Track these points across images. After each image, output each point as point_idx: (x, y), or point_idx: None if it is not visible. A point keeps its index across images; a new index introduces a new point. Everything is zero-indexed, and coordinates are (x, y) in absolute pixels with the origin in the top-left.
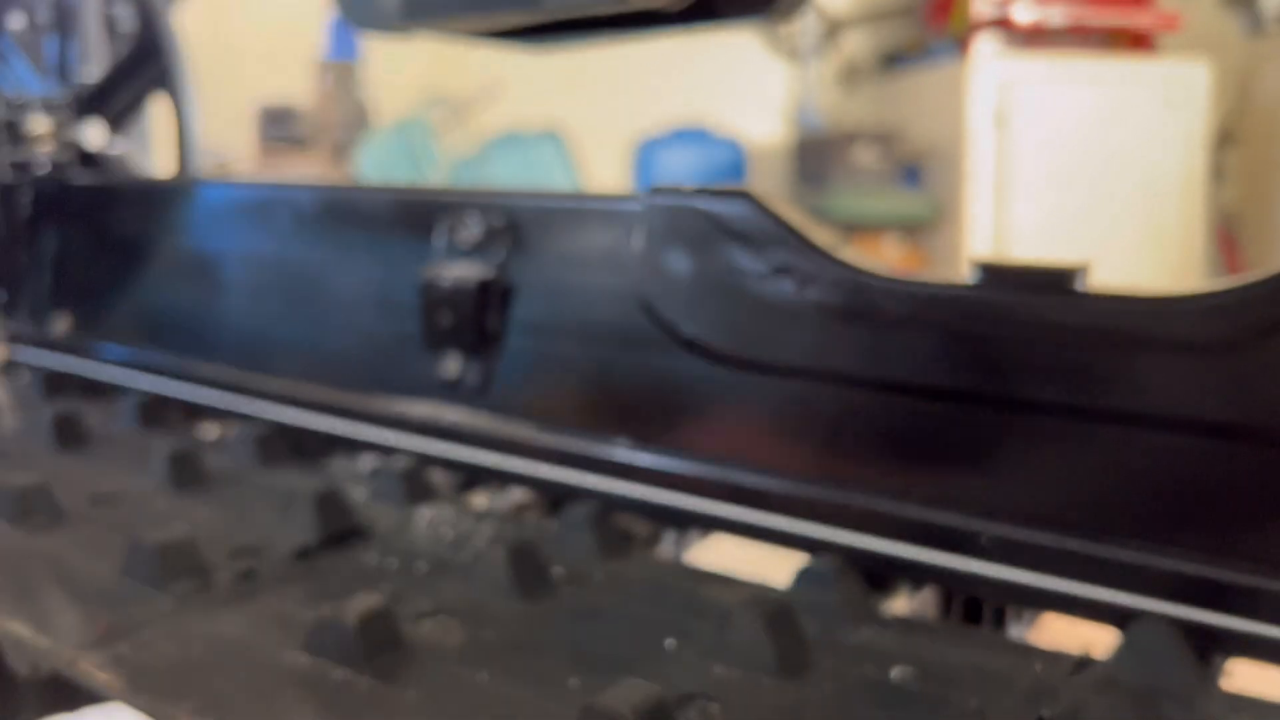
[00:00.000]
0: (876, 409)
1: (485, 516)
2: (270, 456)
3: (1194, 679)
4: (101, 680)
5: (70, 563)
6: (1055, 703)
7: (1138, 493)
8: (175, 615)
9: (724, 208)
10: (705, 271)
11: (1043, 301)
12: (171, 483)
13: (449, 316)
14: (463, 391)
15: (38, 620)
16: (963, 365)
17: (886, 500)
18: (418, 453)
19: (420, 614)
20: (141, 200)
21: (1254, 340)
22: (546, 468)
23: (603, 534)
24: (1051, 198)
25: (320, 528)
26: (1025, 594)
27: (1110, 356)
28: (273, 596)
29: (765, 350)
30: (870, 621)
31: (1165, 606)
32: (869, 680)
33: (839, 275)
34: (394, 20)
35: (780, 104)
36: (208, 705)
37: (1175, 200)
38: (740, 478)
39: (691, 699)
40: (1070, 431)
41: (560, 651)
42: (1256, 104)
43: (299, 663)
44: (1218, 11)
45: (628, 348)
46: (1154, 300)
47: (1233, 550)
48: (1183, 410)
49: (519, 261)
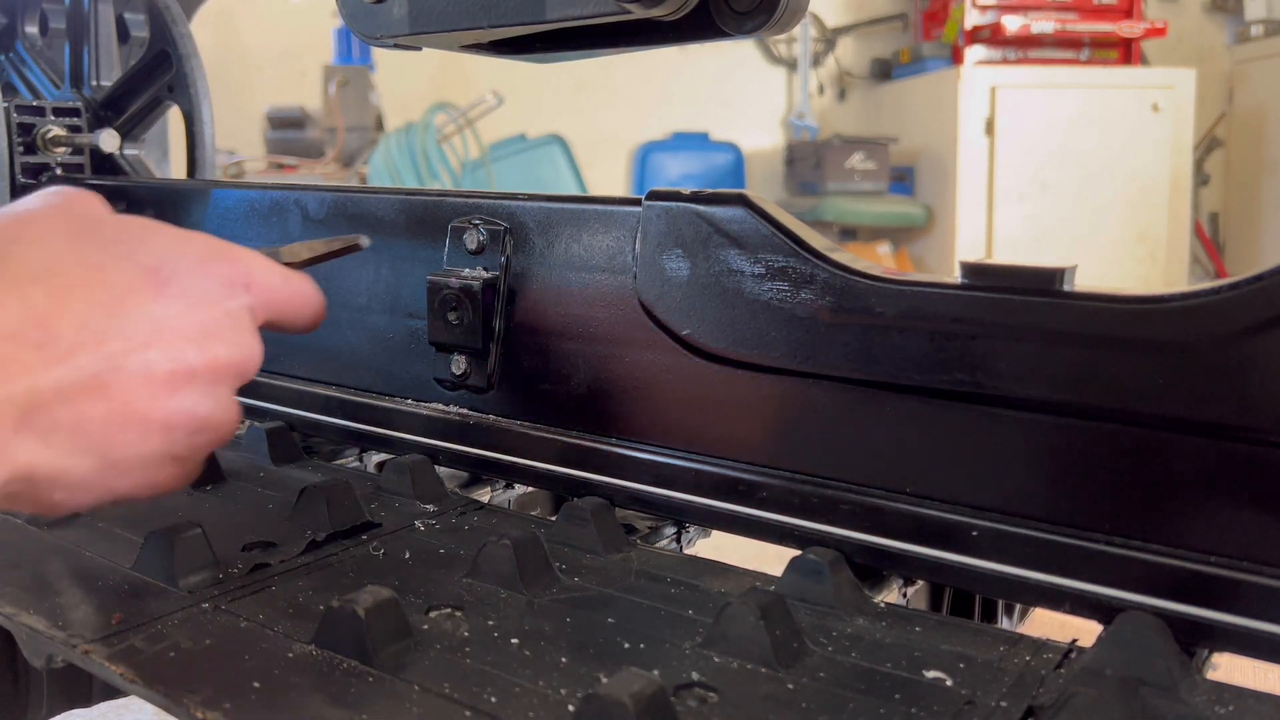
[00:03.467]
0: (869, 406)
1: (490, 511)
2: (281, 453)
3: (1178, 670)
4: (115, 671)
5: (84, 557)
6: (1043, 692)
7: (1124, 489)
8: (188, 608)
9: (721, 211)
10: (702, 273)
11: (1029, 301)
12: None
13: (455, 317)
14: (468, 390)
15: (52, 613)
16: (952, 364)
17: (878, 495)
18: (425, 450)
19: (428, 606)
20: (154, 202)
21: (1236, 340)
22: (549, 464)
23: (603, 528)
24: (1040, 203)
25: (330, 522)
26: (1014, 587)
27: (1095, 355)
28: (283, 589)
29: (760, 349)
30: (862, 613)
31: (1150, 600)
32: (861, 670)
33: (832, 277)
34: (401, 32)
35: (776, 111)
36: (219, 696)
37: (1161, 204)
38: (736, 473)
39: (689, 688)
40: (1057, 429)
41: (563, 642)
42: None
43: (309, 654)
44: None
45: (627, 347)
46: (1138, 300)
47: (1217, 546)
48: (1166, 409)
49: (522, 263)
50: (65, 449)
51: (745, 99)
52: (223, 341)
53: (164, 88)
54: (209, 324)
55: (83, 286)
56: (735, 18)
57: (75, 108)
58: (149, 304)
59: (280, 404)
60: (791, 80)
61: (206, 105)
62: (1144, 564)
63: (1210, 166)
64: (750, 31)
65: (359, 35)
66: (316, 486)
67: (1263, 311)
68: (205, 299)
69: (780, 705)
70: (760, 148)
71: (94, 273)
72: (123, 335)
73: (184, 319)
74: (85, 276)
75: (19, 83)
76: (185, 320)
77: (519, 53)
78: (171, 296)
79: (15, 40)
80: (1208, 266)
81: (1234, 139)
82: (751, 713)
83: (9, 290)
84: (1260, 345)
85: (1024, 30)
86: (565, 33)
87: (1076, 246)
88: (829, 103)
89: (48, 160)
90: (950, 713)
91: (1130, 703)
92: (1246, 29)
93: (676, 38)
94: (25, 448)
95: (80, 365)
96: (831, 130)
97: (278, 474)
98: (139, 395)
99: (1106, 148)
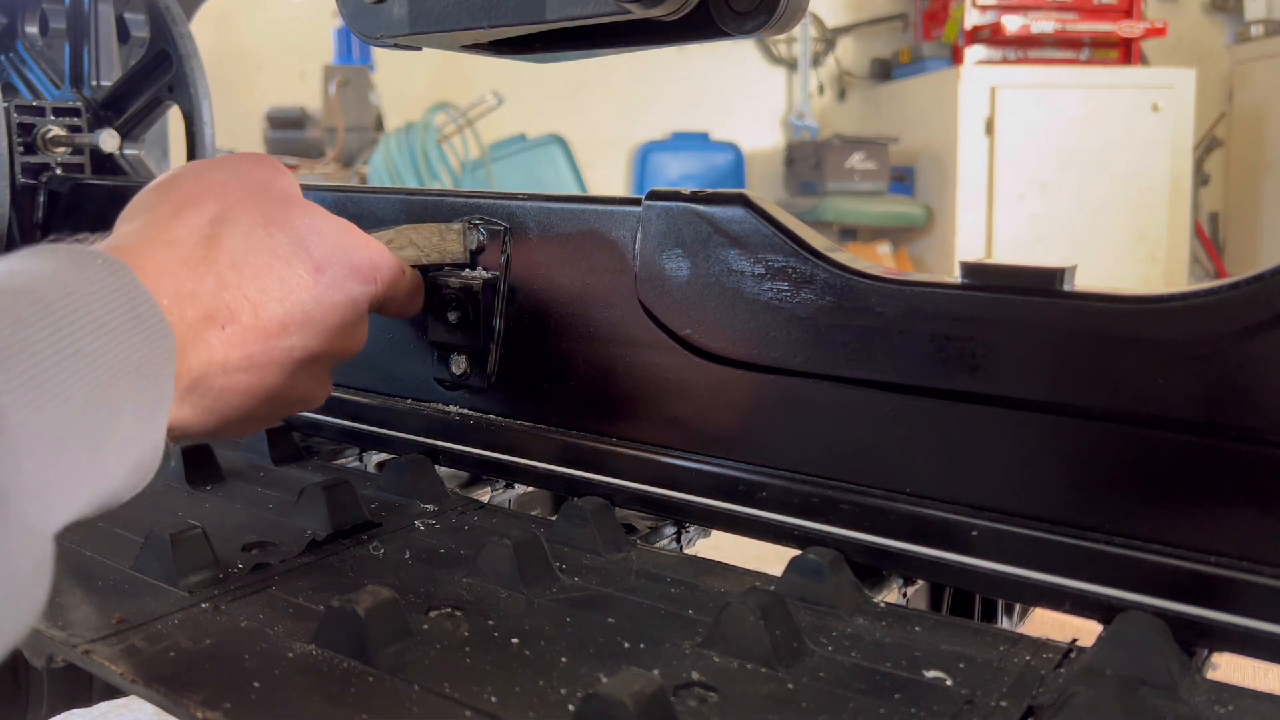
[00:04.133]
0: (869, 406)
1: (490, 511)
2: (281, 453)
3: (1178, 670)
4: (115, 671)
5: (85, 557)
6: (1043, 691)
7: (1124, 489)
8: (188, 608)
9: (721, 211)
10: (703, 273)
11: (1029, 301)
12: (184, 479)
13: (455, 316)
14: (468, 390)
15: (52, 613)
16: (952, 364)
17: (878, 495)
18: (425, 449)
19: (428, 606)
20: None
21: (1236, 340)
22: (549, 464)
23: (603, 528)
24: (1040, 203)
25: (330, 521)
26: (1014, 587)
27: (1095, 355)
28: (283, 589)
29: (761, 349)
30: (862, 613)
31: (1150, 600)
32: (861, 670)
33: (832, 277)
34: (401, 32)
35: (776, 111)
36: (219, 695)
37: (1161, 204)
38: (736, 473)
39: (689, 687)
40: (1057, 429)
41: (563, 642)
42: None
43: (309, 654)
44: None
45: (628, 347)
46: (1138, 300)
47: (1217, 546)
48: (1167, 409)
49: (523, 263)
50: (202, 411)
51: (745, 99)
52: (347, 335)
53: (164, 88)
54: (343, 318)
55: (266, 276)
56: (735, 18)
57: (75, 108)
58: (307, 294)
59: None
60: (791, 80)
61: (207, 105)
62: (1144, 564)
63: (1210, 166)
64: (750, 31)
65: (359, 35)
66: (316, 486)
67: (1263, 311)
68: (347, 295)
69: (780, 705)
70: (760, 148)
71: (277, 261)
72: (281, 322)
73: (327, 312)
74: (269, 264)
75: (19, 83)
76: (328, 314)
77: (519, 53)
78: (323, 289)
79: (15, 40)
80: (1208, 266)
81: (1234, 139)
82: (751, 712)
83: (211, 274)
84: (1260, 345)
85: (1024, 30)
86: (565, 33)
87: (1076, 246)
88: (829, 103)
89: (48, 160)
90: (950, 712)
91: (1130, 702)
92: (1246, 29)
93: (677, 38)
94: (181, 413)
95: (247, 349)
96: (831, 130)
97: (278, 474)
98: (274, 375)
99: (1106, 148)
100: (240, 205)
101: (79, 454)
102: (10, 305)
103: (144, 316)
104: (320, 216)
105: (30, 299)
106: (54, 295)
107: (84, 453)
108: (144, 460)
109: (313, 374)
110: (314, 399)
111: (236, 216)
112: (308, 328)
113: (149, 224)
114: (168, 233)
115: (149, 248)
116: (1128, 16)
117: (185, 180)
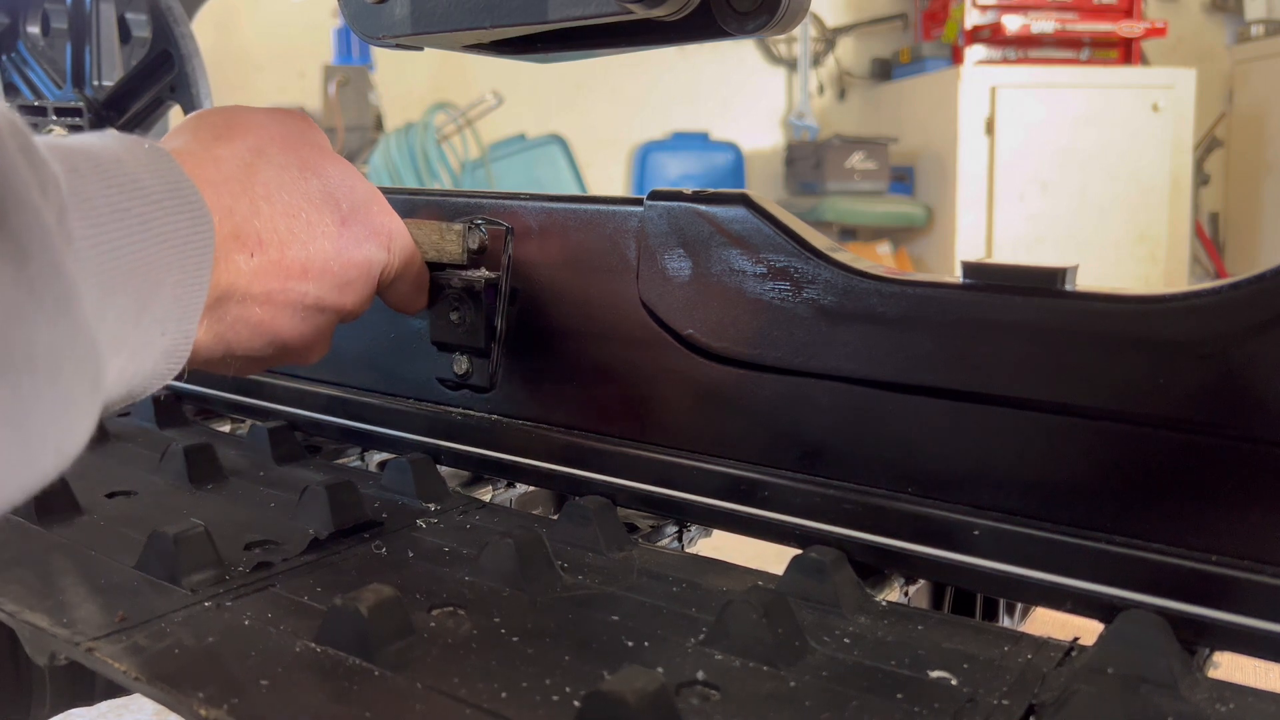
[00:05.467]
0: (870, 406)
1: (492, 510)
2: (284, 452)
3: (1179, 668)
4: (118, 669)
5: (88, 556)
6: (1044, 690)
7: (1125, 489)
8: (191, 606)
9: (722, 211)
10: (704, 273)
11: (1030, 301)
12: (187, 478)
13: (457, 316)
14: (470, 389)
15: (56, 611)
16: (953, 364)
17: (880, 495)
18: (427, 449)
19: (431, 605)
20: None
21: (1236, 340)
22: (551, 463)
23: (606, 527)
24: (1040, 203)
25: (333, 520)
26: (1015, 586)
27: (1096, 355)
28: (286, 587)
29: (762, 349)
30: (864, 612)
31: (1151, 599)
32: (863, 668)
33: (833, 277)
34: (403, 32)
35: (776, 111)
36: (222, 693)
37: (1161, 204)
38: (738, 472)
39: (692, 686)
40: (1057, 428)
41: (565, 640)
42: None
43: (312, 652)
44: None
45: (629, 346)
46: (1139, 300)
47: (1218, 545)
48: (1167, 408)
49: (524, 263)
50: (213, 336)
51: (745, 99)
52: (355, 292)
53: (166, 88)
54: (357, 277)
55: (295, 217)
56: (737, 18)
57: (77, 108)
58: (328, 242)
59: (283, 403)
60: (791, 80)
61: (208, 105)
62: (1145, 563)
63: (1210, 166)
64: (752, 32)
65: (360, 35)
66: (319, 485)
67: (1263, 311)
68: (365, 255)
69: (782, 703)
70: (760, 148)
71: (307, 205)
72: (302, 265)
73: (345, 267)
74: (299, 206)
75: (21, 83)
76: (345, 268)
77: (520, 53)
78: (345, 243)
79: (17, 40)
80: (1208, 266)
81: (1234, 139)
82: (754, 711)
83: (246, 197)
84: (1260, 345)
85: (1024, 30)
86: (566, 33)
87: (1077, 246)
88: (829, 103)
89: None
90: (952, 711)
91: (1131, 700)
92: (1246, 29)
93: (677, 38)
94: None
95: (267, 284)
96: (831, 130)
97: (280, 473)
98: (285, 317)
99: (1106, 148)
100: (278, 144)
101: (120, 317)
102: (66, 154)
103: (189, 198)
104: (352, 172)
105: (85, 155)
106: (106, 158)
107: (124, 318)
108: (176, 347)
109: (318, 326)
110: (313, 353)
111: (274, 153)
112: (325, 278)
113: (193, 140)
114: (211, 150)
115: (192, 159)
116: (1128, 16)
117: (227, 112)
